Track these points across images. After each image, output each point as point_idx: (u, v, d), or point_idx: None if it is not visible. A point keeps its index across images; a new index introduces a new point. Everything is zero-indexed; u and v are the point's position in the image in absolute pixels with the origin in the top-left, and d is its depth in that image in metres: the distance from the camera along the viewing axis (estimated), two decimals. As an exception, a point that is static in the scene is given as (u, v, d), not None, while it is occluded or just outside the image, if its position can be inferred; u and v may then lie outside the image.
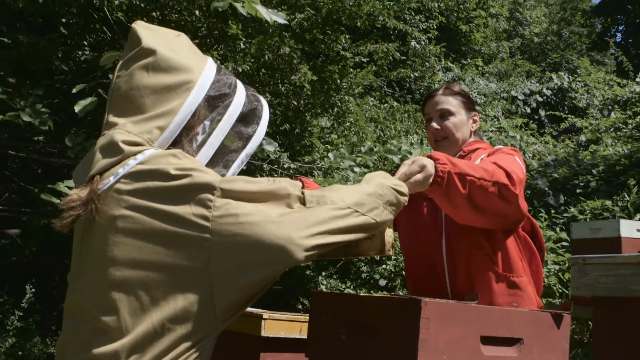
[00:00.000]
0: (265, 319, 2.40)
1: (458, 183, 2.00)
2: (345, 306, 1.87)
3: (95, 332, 1.33)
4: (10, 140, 4.96)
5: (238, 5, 3.80)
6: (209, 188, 1.35)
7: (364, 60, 9.49)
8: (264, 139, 5.75)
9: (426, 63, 13.03)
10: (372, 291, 7.43)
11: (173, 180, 1.35)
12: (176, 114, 1.46)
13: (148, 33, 1.53)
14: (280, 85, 7.68)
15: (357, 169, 5.21)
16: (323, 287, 7.24)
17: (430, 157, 2.00)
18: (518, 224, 2.35)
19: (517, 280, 2.28)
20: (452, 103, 2.53)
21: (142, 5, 5.40)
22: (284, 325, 2.44)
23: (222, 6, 3.76)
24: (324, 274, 7.56)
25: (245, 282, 1.35)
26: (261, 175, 6.54)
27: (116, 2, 5.50)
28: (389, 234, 1.82)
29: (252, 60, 6.31)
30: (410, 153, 5.57)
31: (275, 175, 7.09)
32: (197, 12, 5.79)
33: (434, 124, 2.51)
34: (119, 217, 1.36)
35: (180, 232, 1.33)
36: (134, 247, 1.34)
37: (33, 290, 6.47)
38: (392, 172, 1.98)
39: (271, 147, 5.49)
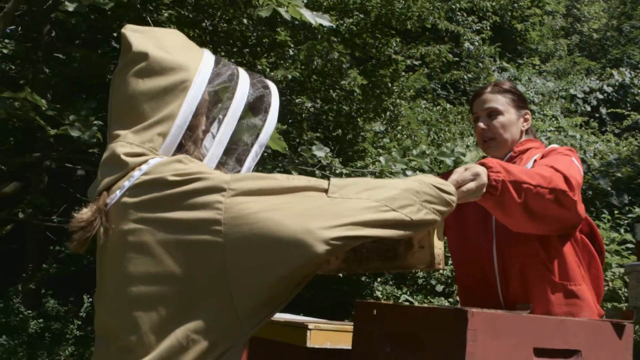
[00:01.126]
0: (310, 329, 2.34)
1: (513, 192, 1.89)
2: (390, 317, 1.79)
3: (122, 351, 1.30)
4: (65, 154, 5.07)
5: (282, 10, 3.77)
6: (217, 190, 1.29)
7: (416, 63, 9.37)
8: (314, 144, 5.72)
9: (480, 64, 12.78)
10: (428, 297, 7.29)
11: (178, 187, 1.30)
12: (176, 117, 1.39)
13: (137, 36, 1.47)
14: (331, 91, 7.65)
15: (409, 173, 5.11)
16: (379, 294, 7.14)
17: (483, 164, 1.89)
18: (576, 228, 2.22)
19: (576, 289, 2.15)
20: (500, 101, 2.40)
21: (191, 16, 5.45)
22: (330, 335, 2.37)
23: (266, 13, 3.75)
24: (379, 280, 7.46)
25: (266, 282, 1.27)
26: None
27: (165, 15, 5.57)
28: (439, 246, 1.72)
29: (302, 66, 6.30)
30: (464, 155, 5.43)
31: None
32: (245, 21, 5.81)
33: (481, 124, 2.39)
34: (129, 232, 1.31)
35: (192, 240, 1.27)
36: (147, 261, 1.29)
37: (90, 299, 6.61)
38: (446, 177, 1.89)
39: (322, 153, 5.45)
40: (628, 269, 2.40)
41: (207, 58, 1.49)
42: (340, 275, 6.80)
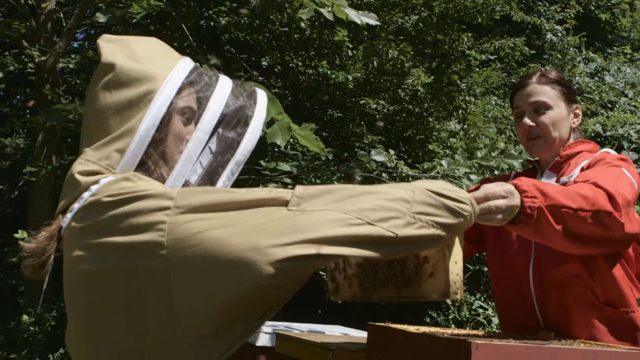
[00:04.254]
0: (333, 350, 2.19)
1: (551, 219, 1.65)
2: (398, 344, 1.62)
3: None
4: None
5: (324, 11, 3.64)
6: (160, 209, 1.16)
7: (491, 57, 8.99)
8: (372, 149, 5.54)
9: (559, 55, 12.16)
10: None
11: (117, 208, 1.18)
12: (135, 131, 1.27)
13: (109, 46, 1.36)
14: (399, 90, 7.44)
15: (473, 177, 4.83)
16: (448, 300, 6.86)
17: (515, 186, 1.63)
18: (628, 246, 1.95)
19: (628, 316, 1.89)
20: (549, 94, 2.11)
21: (246, 22, 5.41)
22: (356, 357, 2.21)
23: (307, 14, 3.63)
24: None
25: (215, 310, 1.13)
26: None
27: (223, 22, 5.56)
28: (455, 271, 1.47)
29: (363, 67, 6.15)
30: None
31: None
32: (302, 24, 5.72)
33: (527, 120, 2.10)
34: (76, 259, 1.21)
35: (135, 266, 1.15)
36: (93, 291, 1.19)
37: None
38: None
39: (381, 157, 5.26)
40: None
41: (180, 66, 1.36)
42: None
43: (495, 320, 6.63)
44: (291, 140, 6.50)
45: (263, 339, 3.09)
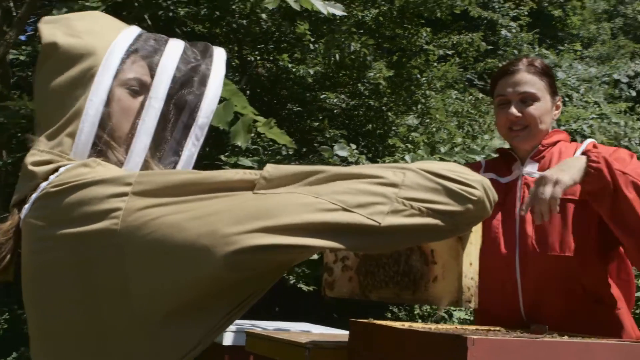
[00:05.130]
0: (309, 349, 2.11)
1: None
2: (385, 341, 1.55)
3: None
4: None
5: (290, 1, 3.55)
6: (115, 195, 1.06)
7: (449, 53, 9.03)
8: (335, 144, 5.48)
9: (516, 52, 12.34)
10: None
11: (72, 196, 1.08)
12: (82, 112, 1.17)
13: (48, 27, 1.25)
14: (360, 84, 7.40)
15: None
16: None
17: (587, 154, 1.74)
18: None
19: (615, 313, 1.88)
20: (537, 85, 2.07)
21: (206, 13, 5.28)
22: (333, 355, 2.13)
23: (273, 5, 3.53)
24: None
25: (173, 298, 1.04)
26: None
27: (182, 13, 5.41)
28: (470, 274, 1.31)
29: (324, 60, 6.07)
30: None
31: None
32: (264, 16, 5.62)
33: (514, 110, 2.05)
34: (32, 252, 1.12)
35: (91, 256, 1.06)
36: (48, 283, 1.10)
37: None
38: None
39: (344, 152, 5.20)
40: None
41: (123, 35, 1.24)
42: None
43: (458, 314, 6.63)
44: (252, 134, 6.41)
45: (228, 338, 2.99)
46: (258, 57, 7.40)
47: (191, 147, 1.25)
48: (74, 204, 1.08)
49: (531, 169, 2.08)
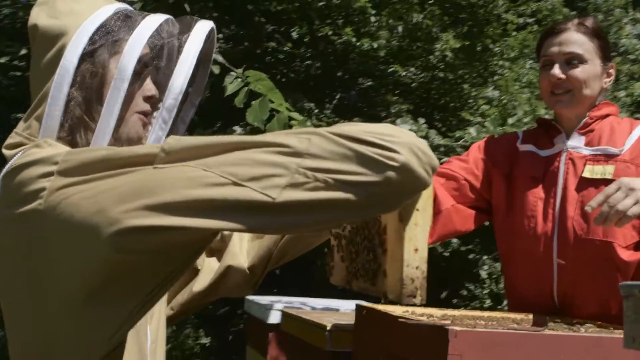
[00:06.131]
0: (330, 331, 2.06)
1: None
2: (381, 329, 1.48)
3: None
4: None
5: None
6: (43, 175, 1.04)
7: (529, 21, 8.59)
8: (399, 119, 5.33)
9: (603, 17, 11.62)
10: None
11: (15, 178, 1.08)
12: (48, 94, 1.15)
13: (35, 9, 1.24)
14: (432, 57, 7.17)
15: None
16: (483, 273, 6.65)
17: None
18: None
19: None
20: (585, 46, 1.92)
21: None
22: (352, 337, 2.08)
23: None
24: (487, 256, 6.95)
25: (86, 282, 1.01)
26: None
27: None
28: (415, 263, 1.10)
29: (391, 33, 5.92)
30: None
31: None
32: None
33: (557, 71, 1.90)
34: None
35: (27, 238, 1.06)
36: (4, 269, 1.12)
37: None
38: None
39: (407, 127, 5.06)
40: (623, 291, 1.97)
41: (98, 13, 1.20)
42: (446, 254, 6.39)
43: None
44: (316, 110, 6.35)
45: (273, 316, 2.98)
46: (330, 32, 7.32)
47: (158, 131, 1.22)
48: (16, 185, 1.08)
49: (577, 143, 1.93)
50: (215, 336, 6.45)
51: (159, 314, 1.34)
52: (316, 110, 5.87)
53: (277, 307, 2.87)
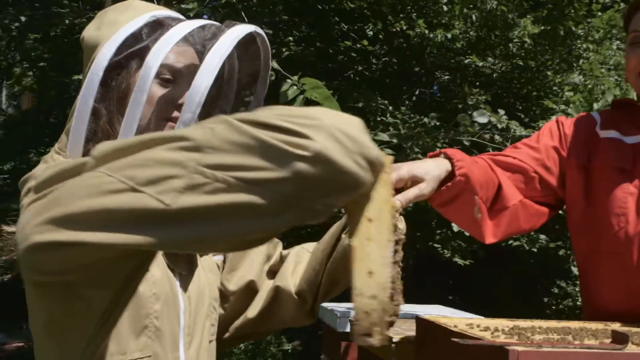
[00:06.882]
0: (396, 343, 1.94)
1: None
2: (441, 345, 1.35)
3: None
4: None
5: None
6: (27, 191, 0.97)
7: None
8: (476, 110, 5.11)
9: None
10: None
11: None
12: (75, 108, 1.11)
13: (91, 22, 1.22)
14: (510, 45, 6.89)
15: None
16: (575, 270, 6.30)
17: None
18: None
19: None
20: None
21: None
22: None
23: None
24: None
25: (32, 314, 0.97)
26: (493, 149, 5.86)
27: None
28: (369, 292, 0.81)
29: (465, 23, 5.70)
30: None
31: (506, 146, 6.34)
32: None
33: None
34: None
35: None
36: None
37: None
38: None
39: (484, 119, 4.83)
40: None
41: (131, 23, 1.15)
42: (530, 248, 6.10)
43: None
44: (391, 107, 6.21)
45: (343, 324, 2.88)
46: (405, 27, 7.17)
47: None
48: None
49: None
50: (298, 343, 6.44)
51: (200, 338, 1.26)
52: (390, 108, 5.72)
53: (348, 314, 2.78)
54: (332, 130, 0.74)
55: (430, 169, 1.45)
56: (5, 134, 12.36)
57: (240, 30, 1.14)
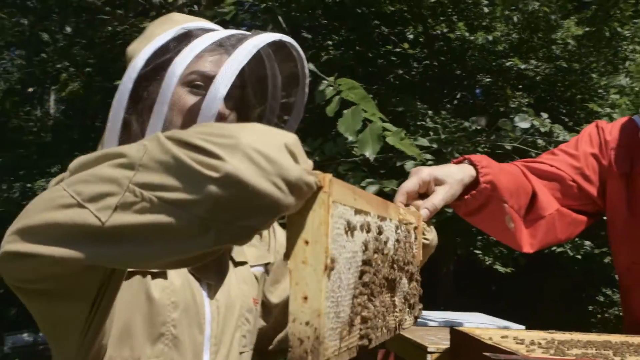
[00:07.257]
0: (431, 352, 1.91)
1: None
2: (475, 357, 1.32)
3: None
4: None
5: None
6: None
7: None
8: (517, 115, 5.01)
9: None
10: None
11: None
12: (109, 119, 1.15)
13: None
14: (554, 47, 6.76)
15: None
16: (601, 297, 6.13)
17: None
18: None
19: None
20: None
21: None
22: None
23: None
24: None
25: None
26: (536, 154, 5.75)
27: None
28: (305, 317, 0.76)
29: (507, 26, 5.62)
30: None
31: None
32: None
33: None
34: None
35: None
36: None
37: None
38: None
39: (526, 124, 4.73)
40: None
41: (163, 36, 1.20)
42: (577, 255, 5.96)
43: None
44: (430, 112, 6.15)
45: (380, 332, 2.86)
46: (446, 29, 7.11)
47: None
48: None
49: None
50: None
51: (228, 348, 1.25)
52: (430, 112, 5.67)
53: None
54: (247, 151, 0.71)
55: (453, 172, 1.41)
56: (53, 137, 12.70)
57: (259, 40, 1.15)
